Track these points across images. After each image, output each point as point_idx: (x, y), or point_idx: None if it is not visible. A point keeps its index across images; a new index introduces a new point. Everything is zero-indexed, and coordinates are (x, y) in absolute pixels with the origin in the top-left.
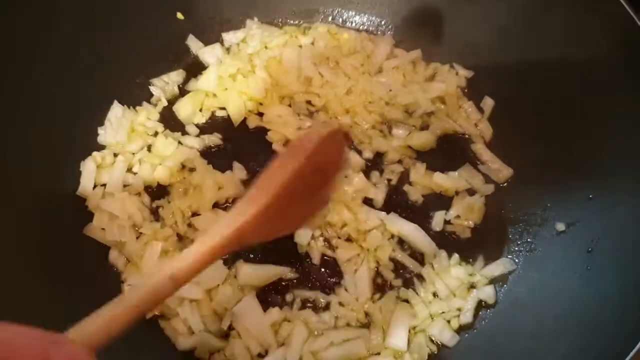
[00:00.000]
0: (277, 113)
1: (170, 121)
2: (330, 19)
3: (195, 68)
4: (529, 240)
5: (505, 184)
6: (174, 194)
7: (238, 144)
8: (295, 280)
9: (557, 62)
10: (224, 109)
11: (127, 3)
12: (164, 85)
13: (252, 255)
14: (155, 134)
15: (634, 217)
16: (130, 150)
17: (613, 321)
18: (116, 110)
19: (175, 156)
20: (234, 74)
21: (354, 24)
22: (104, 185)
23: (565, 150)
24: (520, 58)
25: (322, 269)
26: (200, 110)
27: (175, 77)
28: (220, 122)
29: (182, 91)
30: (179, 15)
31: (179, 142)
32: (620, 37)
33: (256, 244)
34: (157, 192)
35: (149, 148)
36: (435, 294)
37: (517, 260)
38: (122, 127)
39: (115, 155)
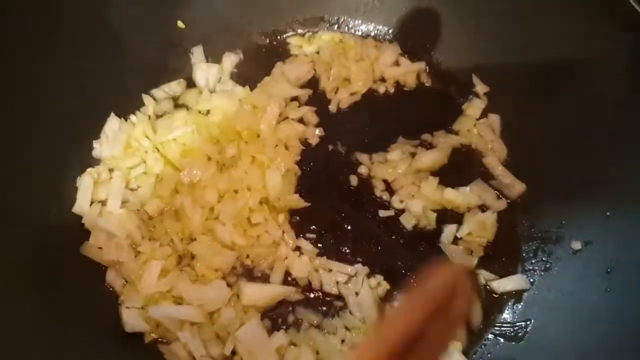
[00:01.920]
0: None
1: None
2: (335, 27)
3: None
4: (544, 259)
5: (518, 200)
6: (165, 216)
7: None
8: (300, 302)
9: (572, 74)
10: None
11: (125, 12)
12: (164, 95)
13: (255, 274)
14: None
15: None
16: (126, 165)
17: (635, 346)
18: (112, 123)
19: (167, 181)
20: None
21: (360, 32)
22: (101, 201)
23: (582, 165)
24: (533, 69)
25: (326, 293)
26: None
27: (175, 87)
28: None
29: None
30: (180, 24)
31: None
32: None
33: None
34: None
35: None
36: None
37: (532, 280)
38: (118, 141)
39: (111, 170)
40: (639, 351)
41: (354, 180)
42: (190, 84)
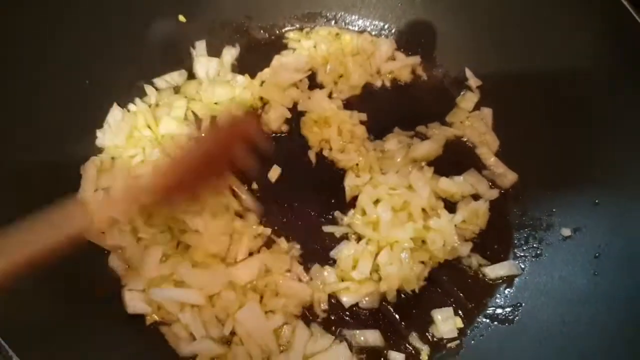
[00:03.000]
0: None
1: None
2: (333, 22)
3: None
4: (534, 245)
5: (510, 189)
6: None
7: None
8: None
9: (561, 66)
10: None
11: (128, 3)
12: (165, 85)
13: None
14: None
15: None
16: (128, 154)
17: (621, 327)
18: (115, 113)
19: None
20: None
21: (356, 28)
22: (104, 189)
23: (570, 155)
24: (524, 62)
25: None
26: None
27: (177, 77)
28: None
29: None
30: (181, 18)
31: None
32: (626, 39)
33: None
34: None
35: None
36: None
37: (523, 266)
38: (121, 131)
39: (113, 159)
40: (626, 331)
41: None
42: (190, 75)
